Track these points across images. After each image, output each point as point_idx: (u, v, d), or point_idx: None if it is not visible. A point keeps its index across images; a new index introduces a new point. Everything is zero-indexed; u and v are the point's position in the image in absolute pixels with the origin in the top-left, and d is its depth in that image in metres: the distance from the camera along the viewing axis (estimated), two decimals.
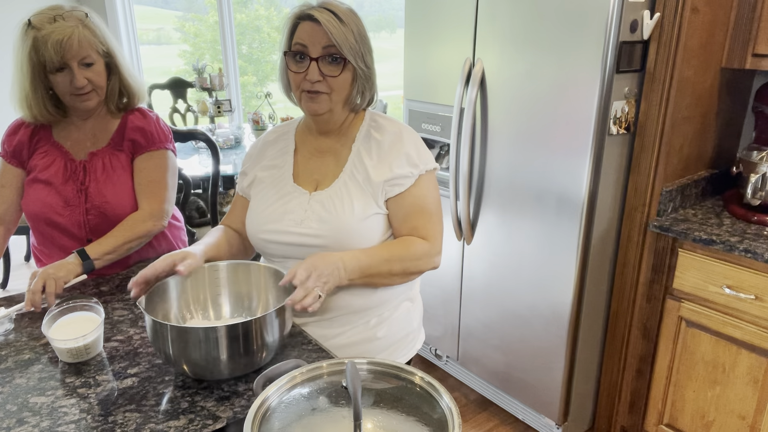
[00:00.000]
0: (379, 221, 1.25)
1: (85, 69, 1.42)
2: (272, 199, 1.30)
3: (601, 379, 2.16)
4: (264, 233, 1.28)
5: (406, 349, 1.38)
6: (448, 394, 0.84)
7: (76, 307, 1.22)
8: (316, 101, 1.21)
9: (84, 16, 1.43)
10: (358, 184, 1.24)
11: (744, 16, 1.82)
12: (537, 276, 2.04)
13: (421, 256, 1.23)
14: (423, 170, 1.26)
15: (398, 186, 1.24)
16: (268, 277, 1.25)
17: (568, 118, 1.84)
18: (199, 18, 7.77)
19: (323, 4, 1.19)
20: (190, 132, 2.36)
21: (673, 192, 1.90)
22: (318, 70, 1.18)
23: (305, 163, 1.32)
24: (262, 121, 3.66)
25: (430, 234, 1.25)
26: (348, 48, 1.17)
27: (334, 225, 1.22)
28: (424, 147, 1.29)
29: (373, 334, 1.31)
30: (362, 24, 1.23)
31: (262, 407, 0.83)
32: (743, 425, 1.77)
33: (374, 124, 1.30)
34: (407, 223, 1.25)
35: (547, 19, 1.83)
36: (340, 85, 1.20)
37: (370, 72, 1.24)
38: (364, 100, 1.27)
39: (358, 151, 1.27)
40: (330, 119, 1.27)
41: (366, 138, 1.29)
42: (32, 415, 1.00)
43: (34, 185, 1.52)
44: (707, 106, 1.94)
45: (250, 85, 7.78)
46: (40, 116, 1.48)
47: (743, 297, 1.69)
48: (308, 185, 1.29)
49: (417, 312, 1.42)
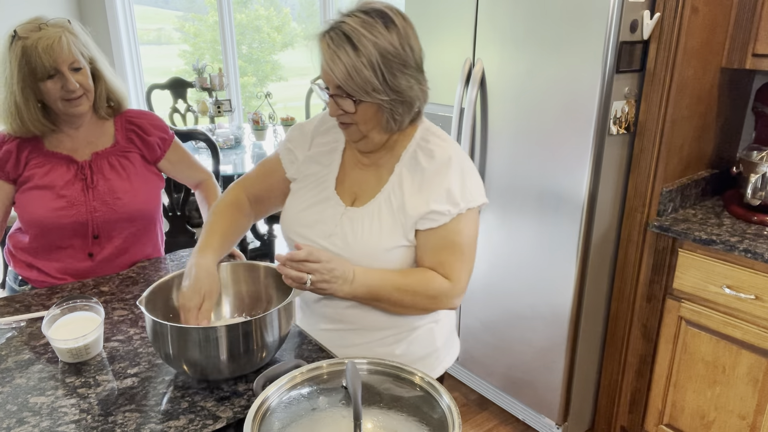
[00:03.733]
0: (404, 253, 1.17)
1: (74, 73, 1.42)
2: (310, 201, 1.24)
3: (601, 379, 2.16)
4: (294, 234, 1.25)
5: (429, 368, 1.29)
6: (448, 394, 0.84)
7: (76, 307, 1.22)
8: (347, 131, 1.16)
9: (67, 22, 1.43)
10: (392, 210, 1.16)
11: (744, 16, 1.82)
12: (537, 276, 2.04)
13: (437, 295, 1.15)
14: (463, 209, 1.13)
15: (431, 221, 1.14)
16: (268, 277, 1.25)
17: (568, 118, 1.84)
18: (199, 18, 7.77)
19: (342, 20, 1.05)
20: (190, 132, 2.36)
21: (673, 192, 1.90)
22: (336, 106, 1.10)
23: (349, 171, 1.24)
24: (262, 122, 3.66)
25: (454, 273, 1.15)
26: (355, 86, 1.05)
27: (357, 251, 1.16)
28: (473, 179, 1.17)
29: (390, 350, 1.24)
30: (395, 37, 1.05)
31: (262, 407, 0.83)
32: (743, 425, 1.77)
33: (423, 144, 1.18)
34: (433, 256, 1.16)
35: (547, 18, 1.83)
36: (362, 118, 1.11)
37: (400, 95, 1.08)
38: (402, 123, 1.14)
39: (399, 174, 1.18)
40: (368, 143, 1.17)
41: (411, 160, 1.18)
42: (32, 415, 1.00)
43: (31, 192, 1.50)
44: (707, 106, 1.94)
45: (250, 85, 7.78)
46: (33, 128, 1.45)
47: (743, 297, 1.69)
48: (347, 196, 1.22)
49: (443, 330, 1.31)
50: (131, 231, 1.59)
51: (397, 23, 1.06)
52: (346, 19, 1.05)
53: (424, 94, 1.13)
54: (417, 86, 1.10)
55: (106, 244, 1.56)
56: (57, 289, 1.46)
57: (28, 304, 1.39)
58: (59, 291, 1.45)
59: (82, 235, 1.53)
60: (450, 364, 1.34)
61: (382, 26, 1.04)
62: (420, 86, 1.11)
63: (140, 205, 1.57)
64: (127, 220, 1.56)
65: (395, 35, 1.05)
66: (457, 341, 1.39)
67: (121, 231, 1.57)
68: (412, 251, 1.18)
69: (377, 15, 1.05)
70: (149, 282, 1.49)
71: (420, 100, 1.13)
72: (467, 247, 1.16)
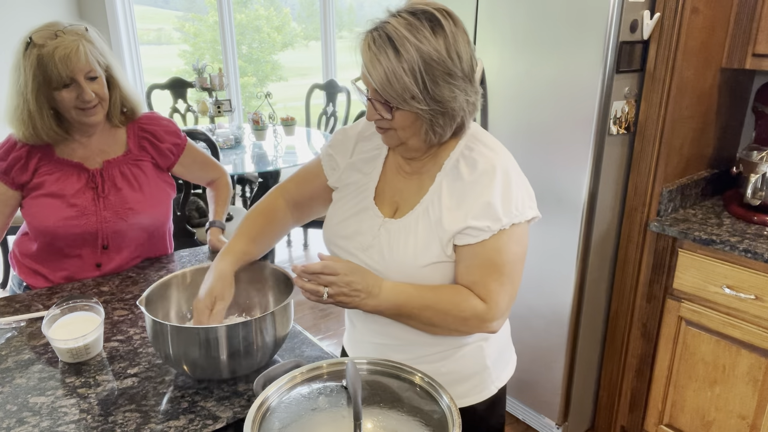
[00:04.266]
0: (443, 270, 1.09)
1: (90, 83, 1.39)
2: (350, 212, 1.18)
3: (601, 379, 2.16)
4: (334, 246, 1.20)
5: (480, 387, 1.19)
6: (448, 394, 0.84)
7: (76, 307, 1.22)
8: (385, 136, 1.08)
9: (84, 30, 1.40)
10: (430, 224, 1.08)
11: (744, 16, 1.82)
12: (537, 276, 2.04)
13: (469, 317, 1.05)
14: (506, 224, 1.03)
15: (469, 237, 1.04)
16: (269, 277, 1.25)
17: (568, 118, 1.84)
18: (199, 18, 7.78)
19: (387, 21, 0.98)
20: (190, 132, 2.35)
21: (673, 192, 1.90)
22: (374, 110, 1.02)
23: (391, 179, 1.17)
24: (262, 122, 3.66)
25: (491, 295, 1.05)
26: (393, 92, 0.97)
27: (392, 266, 1.09)
28: (520, 191, 1.07)
29: (435, 368, 1.15)
30: (441, 42, 0.97)
31: (262, 407, 0.83)
32: (743, 425, 1.77)
33: (467, 153, 1.09)
34: (469, 274, 1.06)
35: (547, 19, 1.83)
36: (400, 125, 1.03)
37: (441, 105, 1.00)
38: (443, 135, 1.05)
39: (440, 185, 1.09)
40: (408, 150, 1.09)
41: (453, 170, 1.09)
42: (32, 415, 1.00)
43: (41, 200, 1.47)
44: (707, 106, 1.94)
45: (250, 85, 7.78)
46: (45, 136, 1.42)
47: (743, 297, 1.69)
48: (386, 207, 1.15)
49: (493, 347, 1.20)
50: (140, 241, 1.58)
51: (445, 28, 0.98)
52: (391, 19, 0.98)
53: (471, 106, 1.04)
54: (462, 97, 1.01)
55: (115, 256, 1.55)
56: (57, 289, 1.46)
57: (28, 304, 1.39)
58: (59, 291, 1.45)
59: (91, 244, 1.51)
60: (505, 382, 1.24)
61: (428, 30, 0.97)
62: (466, 97, 1.02)
63: (151, 217, 1.55)
64: (138, 230, 1.54)
65: (442, 41, 0.97)
66: (513, 356, 1.28)
67: (130, 242, 1.55)
68: (452, 267, 1.09)
69: (425, 17, 0.97)
70: (149, 282, 1.49)
71: (465, 112, 1.04)
72: (509, 266, 1.05)
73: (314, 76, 4.99)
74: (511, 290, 1.07)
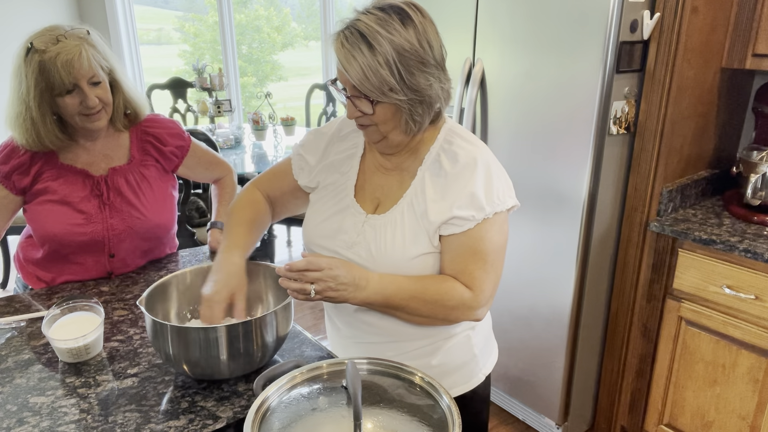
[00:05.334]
0: (430, 260, 1.12)
1: (93, 87, 1.37)
2: (329, 212, 1.20)
3: (601, 379, 2.16)
4: (316, 246, 1.21)
5: (469, 376, 1.24)
6: (448, 394, 0.84)
7: (76, 307, 1.22)
8: (366, 132, 1.11)
9: (86, 33, 1.37)
10: (415, 217, 1.11)
11: (744, 16, 1.82)
12: (537, 276, 2.04)
13: (456, 306, 1.08)
14: (489, 213, 1.07)
15: (455, 226, 1.08)
16: (268, 276, 1.25)
17: (568, 118, 1.84)
18: (199, 18, 7.78)
19: (357, 18, 1.01)
20: (189, 132, 2.35)
21: (673, 192, 1.91)
22: (354, 107, 1.05)
23: (370, 176, 1.19)
24: (262, 122, 3.66)
25: (476, 282, 1.08)
26: (372, 87, 1.00)
27: (381, 261, 1.11)
28: (501, 182, 1.11)
29: (426, 361, 1.19)
30: (412, 33, 1.00)
31: (262, 407, 0.83)
32: (743, 425, 1.77)
33: (447, 146, 1.13)
34: (455, 263, 1.10)
35: (547, 19, 1.83)
36: (381, 119, 1.05)
37: (419, 94, 1.03)
38: (422, 123, 1.08)
39: (422, 178, 1.12)
40: (389, 144, 1.11)
41: (434, 163, 1.12)
42: (32, 415, 1.00)
43: (46, 206, 1.44)
44: (707, 106, 1.94)
45: (250, 85, 7.79)
46: (50, 143, 1.40)
47: (743, 297, 1.69)
48: (368, 203, 1.17)
49: (480, 335, 1.25)
50: (147, 248, 1.57)
51: (414, 19, 1.01)
52: (361, 16, 1.01)
53: (445, 93, 1.08)
54: (437, 84, 1.05)
55: (123, 265, 1.54)
56: (57, 289, 1.46)
57: (28, 304, 1.39)
58: (59, 291, 1.45)
59: (96, 252, 1.49)
60: (491, 369, 1.28)
61: (398, 23, 1.00)
62: (440, 85, 1.06)
63: (158, 224, 1.54)
64: (144, 238, 1.53)
65: (412, 32, 1.01)
66: (495, 343, 1.33)
67: (135, 249, 1.54)
68: (439, 258, 1.13)
69: (393, 11, 1.01)
70: (149, 282, 1.49)
71: (441, 99, 1.07)
72: (492, 254, 1.10)
73: (314, 76, 4.99)
74: (495, 278, 1.11)
